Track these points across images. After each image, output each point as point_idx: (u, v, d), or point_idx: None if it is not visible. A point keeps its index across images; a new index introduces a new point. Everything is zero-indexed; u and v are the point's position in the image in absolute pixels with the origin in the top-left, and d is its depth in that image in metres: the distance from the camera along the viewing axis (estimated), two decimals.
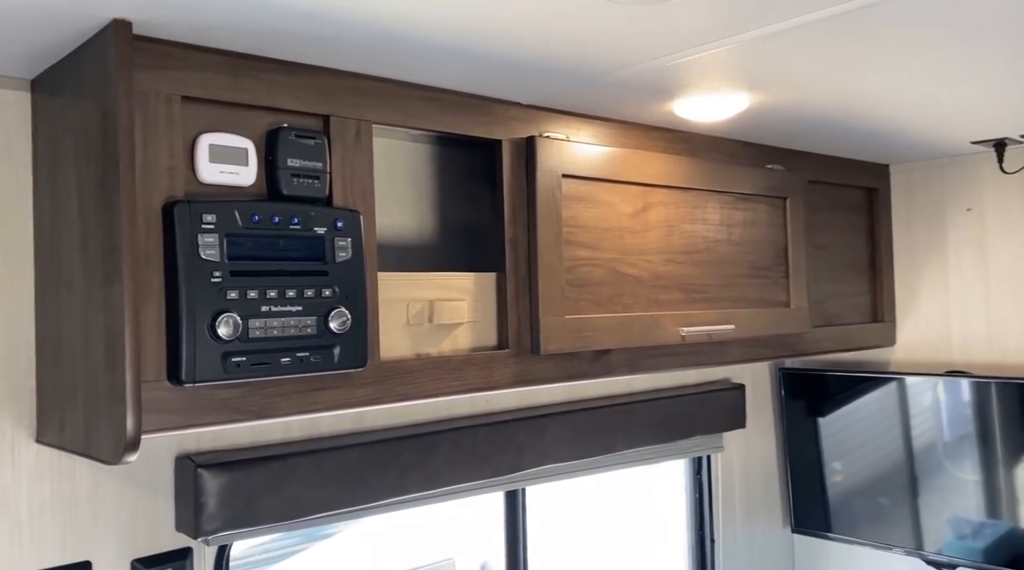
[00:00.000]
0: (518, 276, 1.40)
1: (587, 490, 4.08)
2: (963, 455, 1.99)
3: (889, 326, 2.21)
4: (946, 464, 2.02)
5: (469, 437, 1.61)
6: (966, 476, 1.99)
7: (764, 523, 2.35)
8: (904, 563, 2.19)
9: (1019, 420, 1.89)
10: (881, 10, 1.01)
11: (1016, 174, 1.95)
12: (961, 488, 2.00)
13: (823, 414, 2.27)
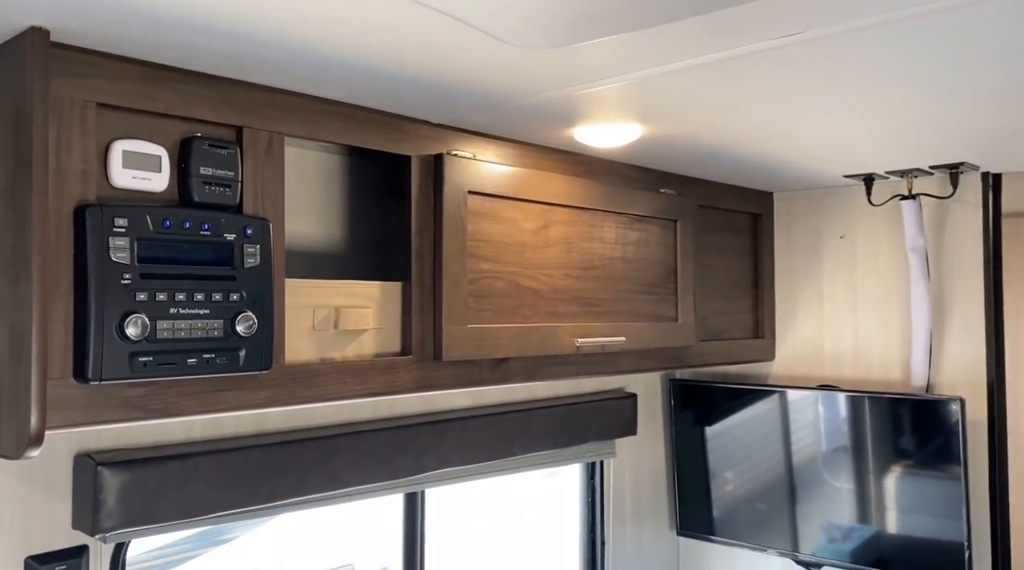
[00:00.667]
0: (423, 286, 1.47)
1: (490, 494, 4.16)
2: (838, 465, 2.16)
3: (769, 342, 2.38)
4: (823, 473, 2.19)
5: (370, 440, 1.66)
6: (841, 485, 2.17)
7: (652, 526, 2.48)
8: (777, 563, 2.35)
9: (885, 431, 2.07)
10: (758, 58, 1.13)
11: (882, 206, 2.15)
12: (835, 496, 2.17)
13: (709, 423, 2.42)
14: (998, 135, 1.62)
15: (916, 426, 2.03)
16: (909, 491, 2.03)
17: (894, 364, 2.17)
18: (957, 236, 2.06)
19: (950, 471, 1.96)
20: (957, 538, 1.94)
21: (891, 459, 2.07)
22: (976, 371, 2.03)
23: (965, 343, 2.06)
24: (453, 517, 4.01)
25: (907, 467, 2.04)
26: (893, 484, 2.07)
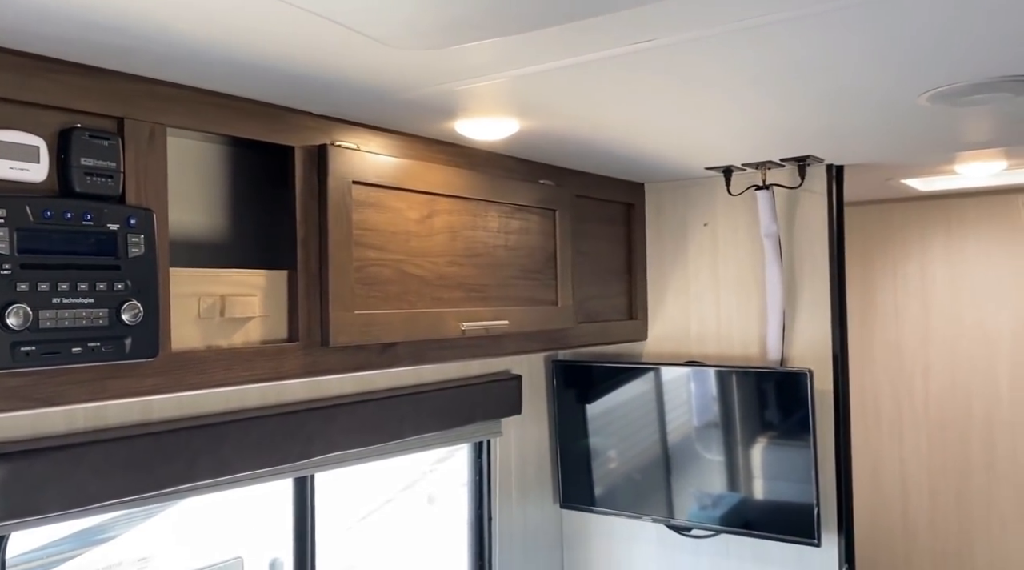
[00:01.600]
0: (309, 274, 1.51)
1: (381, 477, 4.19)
2: (708, 436, 2.34)
3: (642, 323, 2.54)
4: (695, 445, 2.37)
5: (259, 426, 1.69)
6: (711, 456, 2.34)
7: (536, 500, 2.60)
8: (652, 529, 2.53)
9: (746, 402, 2.26)
10: (618, 61, 1.24)
11: (740, 196, 2.33)
12: (707, 467, 2.35)
13: (590, 401, 2.56)
14: (836, 132, 1.80)
15: (772, 396, 2.23)
16: (768, 459, 2.23)
17: (752, 341, 2.36)
18: (806, 223, 2.27)
19: (802, 438, 2.16)
20: (808, 499, 2.15)
21: (752, 428, 2.26)
22: (823, 345, 2.25)
23: (813, 320, 2.27)
24: (345, 501, 4.03)
25: (766, 436, 2.24)
26: (754, 453, 2.26)
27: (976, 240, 2.97)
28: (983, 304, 2.94)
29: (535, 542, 2.59)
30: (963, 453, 2.94)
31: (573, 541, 2.68)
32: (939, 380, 3.00)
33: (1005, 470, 2.86)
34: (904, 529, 3.04)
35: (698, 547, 2.44)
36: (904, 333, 3.08)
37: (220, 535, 3.56)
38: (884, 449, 3.10)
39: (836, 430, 2.22)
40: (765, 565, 2.32)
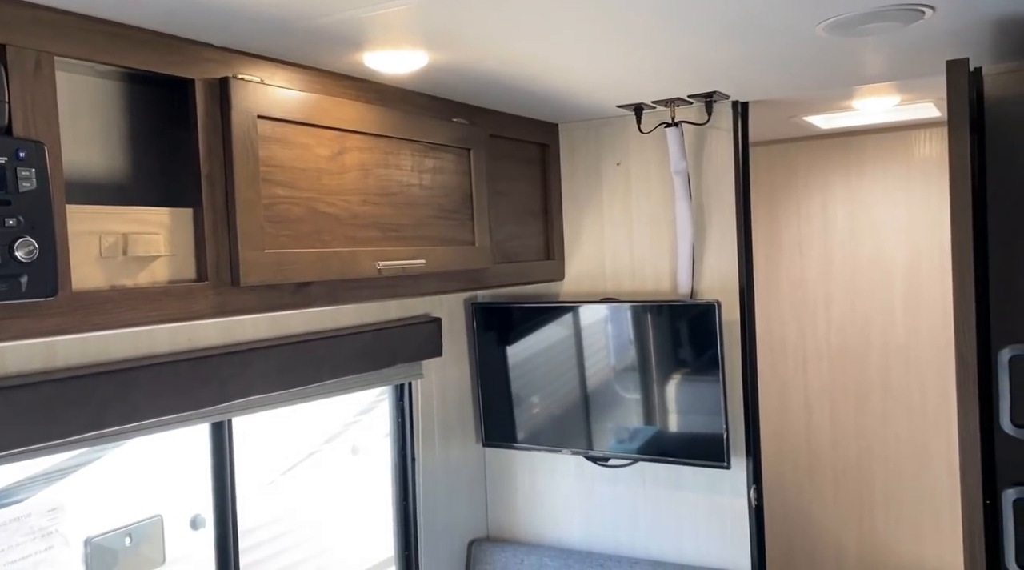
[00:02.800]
0: (215, 211, 1.47)
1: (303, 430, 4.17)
2: (624, 371, 2.41)
3: (559, 263, 2.57)
4: (612, 382, 2.43)
5: (170, 371, 1.66)
6: (629, 392, 2.42)
7: (459, 440, 2.64)
8: (571, 461, 2.60)
9: (660, 335, 2.33)
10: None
11: (650, 134, 2.37)
12: (625, 401, 2.42)
13: (510, 342, 2.60)
14: (740, 65, 1.85)
15: (684, 328, 2.31)
16: (681, 389, 2.32)
17: (664, 276, 2.43)
18: (713, 160, 2.33)
19: (711, 367, 2.25)
20: (718, 426, 2.25)
21: (665, 360, 2.34)
22: (730, 278, 2.33)
23: (721, 254, 2.34)
24: (267, 455, 3.99)
25: (678, 367, 2.32)
26: (668, 385, 2.34)
27: (873, 177, 3.11)
28: (880, 238, 3.10)
29: (458, 480, 2.63)
30: (862, 377, 3.12)
31: (496, 478, 2.74)
32: (840, 311, 3.16)
33: (899, 391, 3.05)
34: (808, 449, 3.22)
35: (616, 476, 2.53)
36: (807, 268, 3.22)
37: (138, 494, 3.48)
38: (790, 377, 3.26)
39: (743, 358, 2.32)
40: (679, 490, 2.43)
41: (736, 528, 2.34)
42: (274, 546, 3.96)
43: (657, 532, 2.46)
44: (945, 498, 2.98)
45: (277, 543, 4.01)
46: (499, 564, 2.59)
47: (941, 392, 2.98)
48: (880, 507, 3.10)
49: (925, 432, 3.01)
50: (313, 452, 4.52)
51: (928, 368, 3.00)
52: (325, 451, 4.65)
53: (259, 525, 3.88)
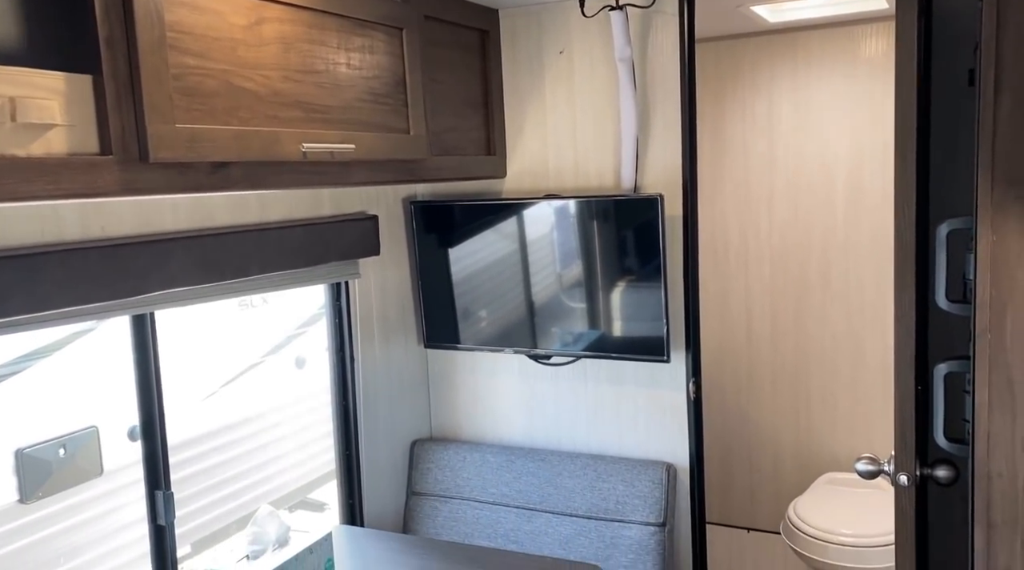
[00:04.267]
0: (118, 80, 1.35)
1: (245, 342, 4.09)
2: (569, 270, 2.37)
3: (500, 159, 2.49)
4: (555, 280, 2.39)
5: (80, 259, 1.55)
6: (571, 290, 2.38)
7: (400, 342, 2.59)
8: (514, 360, 2.58)
9: (603, 232, 2.29)
10: None
11: (594, 17, 2.27)
12: (568, 302, 2.39)
13: (451, 243, 2.53)
14: None
15: (627, 223, 2.26)
16: (623, 284, 2.29)
17: (608, 172, 2.37)
18: (659, 47, 2.25)
19: (653, 261, 2.23)
20: (659, 318, 2.24)
21: (608, 255, 2.30)
22: (674, 173, 2.28)
23: (665, 148, 2.29)
24: (205, 367, 3.91)
25: (621, 263, 2.29)
26: (610, 280, 2.31)
27: (820, 74, 3.07)
28: (824, 135, 3.07)
29: (400, 382, 2.60)
30: (802, 277, 3.15)
31: (438, 379, 2.71)
32: (782, 210, 3.15)
33: (838, 290, 3.09)
34: (748, 348, 3.27)
35: (557, 374, 2.52)
36: (751, 168, 3.20)
37: (72, 405, 3.39)
38: (731, 277, 3.27)
39: (685, 253, 2.30)
40: (620, 385, 2.43)
41: (675, 421, 2.36)
42: (214, 458, 3.92)
43: (598, 427, 2.48)
44: (879, 394, 3.06)
45: (217, 455, 3.97)
46: (442, 462, 2.59)
47: (878, 291, 3.02)
48: (816, 404, 3.17)
49: (862, 330, 3.06)
50: (255, 364, 4.45)
51: (866, 267, 3.04)
52: (268, 363, 4.58)
53: (199, 437, 3.83)
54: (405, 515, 2.61)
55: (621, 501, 2.33)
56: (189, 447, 3.83)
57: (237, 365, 4.25)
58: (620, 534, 2.31)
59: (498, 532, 2.46)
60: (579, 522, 2.37)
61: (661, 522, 2.28)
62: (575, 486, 2.40)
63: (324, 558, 1.93)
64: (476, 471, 2.54)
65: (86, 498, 3.23)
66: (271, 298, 4.45)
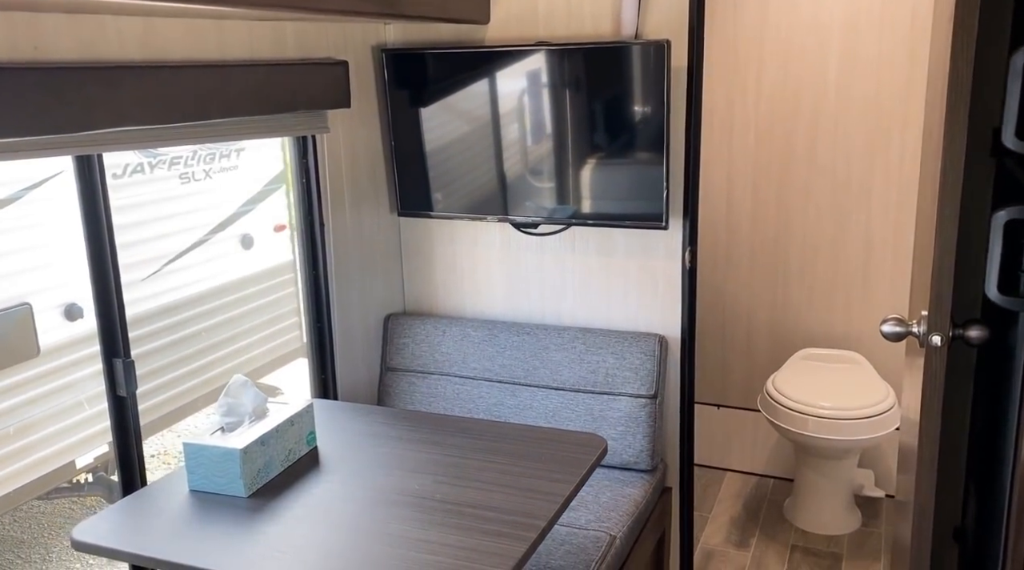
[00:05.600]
0: None
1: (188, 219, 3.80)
2: (560, 130, 2.17)
3: (484, 1, 2.23)
4: (545, 140, 2.20)
5: (13, 81, 1.29)
6: (566, 168, 2.19)
7: (372, 208, 2.38)
8: (495, 228, 2.41)
9: (604, 85, 2.09)
10: None
11: None
12: (559, 174, 2.21)
13: (425, 97, 2.29)
14: None
15: (626, 74, 2.06)
16: (622, 141, 2.11)
17: (604, 17, 2.15)
18: None
19: (656, 115, 2.05)
20: (658, 180, 2.09)
21: (607, 110, 2.11)
22: (680, 15, 2.07)
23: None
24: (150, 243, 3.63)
25: (621, 118, 2.10)
26: (607, 136, 2.13)
27: None
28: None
29: (372, 252, 2.40)
30: (788, 148, 3.02)
31: (413, 250, 2.53)
32: (772, 77, 2.99)
33: (824, 162, 2.98)
34: (727, 222, 3.16)
35: (543, 244, 2.37)
36: (741, 31, 3.00)
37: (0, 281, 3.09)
38: (714, 147, 3.12)
39: (688, 109, 2.12)
40: (610, 255, 2.29)
41: (668, 292, 2.25)
42: (163, 338, 3.70)
43: (586, 300, 2.35)
44: (859, 268, 3.01)
45: (167, 335, 3.75)
46: (419, 336, 2.44)
47: (866, 164, 2.92)
48: (794, 279, 3.11)
49: (846, 204, 2.98)
50: (200, 242, 4.16)
51: (855, 139, 2.92)
52: (214, 243, 4.29)
53: (145, 315, 3.59)
54: (379, 391, 2.47)
55: (611, 374, 2.23)
56: (134, 326, 3.60)
57: (180, 243, 3.97)
58: (609, 407, 2.22)
59: (480, 407, 2.35)
60: (566, 395, 2.27)
61: (653, 394, 2.19)
62: (563, 359, 2.28)
63: (306, 431, 1.78)
64: (456, 346, 2.40)
65: (21, 380, 3.00)
66: (214, 173, 4.13)
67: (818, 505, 2.85)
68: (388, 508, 1.54)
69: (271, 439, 1.66)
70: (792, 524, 2.90)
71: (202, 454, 1.60)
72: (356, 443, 1.82)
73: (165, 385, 3.56)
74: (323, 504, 1.57)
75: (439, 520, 1.49)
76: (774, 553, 2.75)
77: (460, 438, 1.83)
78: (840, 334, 3.08)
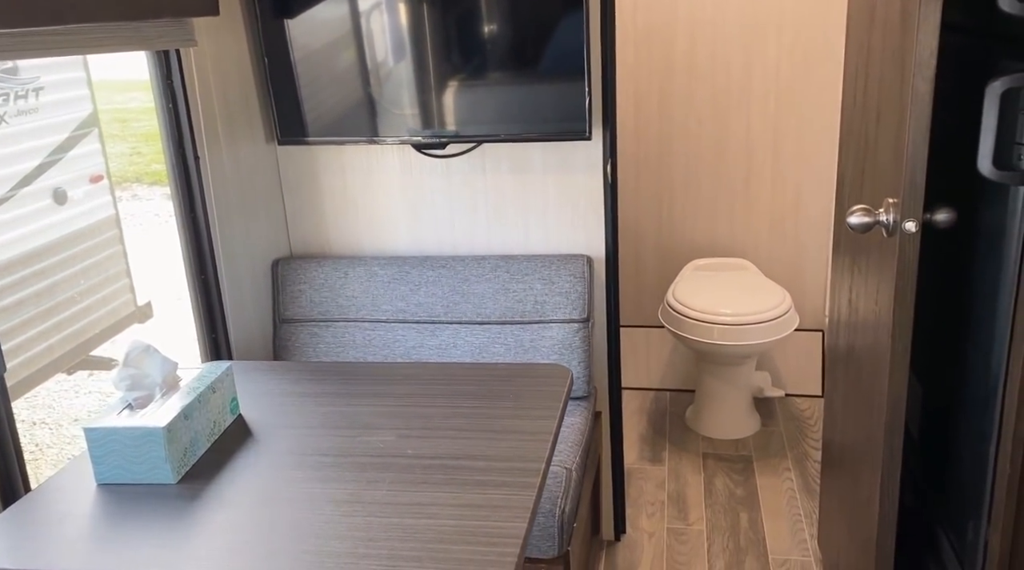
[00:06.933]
0: None
1: None
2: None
3: None
4: (444, 39, 1.97)
5: None
6: (470, 74, 1.97)
7: (247, 139, 2.05)
8: (392, 155, 2.16)
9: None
10: None
11: None
12: (463, 82, 1.98)
13: (292, 13, 1.98)
14: None
15: None
16: (533, 50, 1.93)
17: None
18: None
19: (575, 10, 1.88)
20: (580, 90, 1.93)
21: (513, 8, 1.91)
22: None
23: None
24: None
25: (528, 17, 1.91)
26: (518, 46, 1.93)
27: None
28: None
29: (253, 190, 2.09)
30: (667, 60, 2.96)
31: (297, 184, 2.23)
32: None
33: (704, 71, 2.95)
34: None
35: (449, 166, 2.16)
36: None
37: None
38: None
39: (603, 5, 1.97)
40: (525, 173, 2.13)
41: (590, 209, 2.13)
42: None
43: (502, 225, 2.18)
44: (740, 176, 3.04)
45: None
46: (317, 282, 2.17)
47: (744, 69, 2.93)
48: (679, 192, 3.10)
49: (727, 113, 2.98)
50: (2, 198, 3.52)
51: (732, 43, 2.91)
52: (19, 198, 3.66)
53: None
54: (275, 347, 2.19)
55: (540, 301, 2.09)
56: None
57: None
58: (541, 335, 2.08)
59: (397, 352, 2.13)
60: (492, 329, 2.11)
61: (585, 317, 2.08)
62: (485, 291, 2.11)
63: (229, 397, 1.50)
64: (362, 288, 2.16)
65: None
66: (10, 117, 3.50)
67: (722, 412, 2.91)
68: (356, 473, 1.32)
69: (194, 411, 1.38)
70: (698, 433, 2.95)
71: (112, 439, 1.30)
72: (287, 405, 1.57)
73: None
74: (275, 480, 1.32)
75: (423, 478, 1.30)
76: (688, 463, 2.78)
77: (408, 386, 1.62)
78: (726, 243, 3.12)
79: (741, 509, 2.53)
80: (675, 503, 2.59)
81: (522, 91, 1.97)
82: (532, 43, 1.93)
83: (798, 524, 2.44)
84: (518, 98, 1.98)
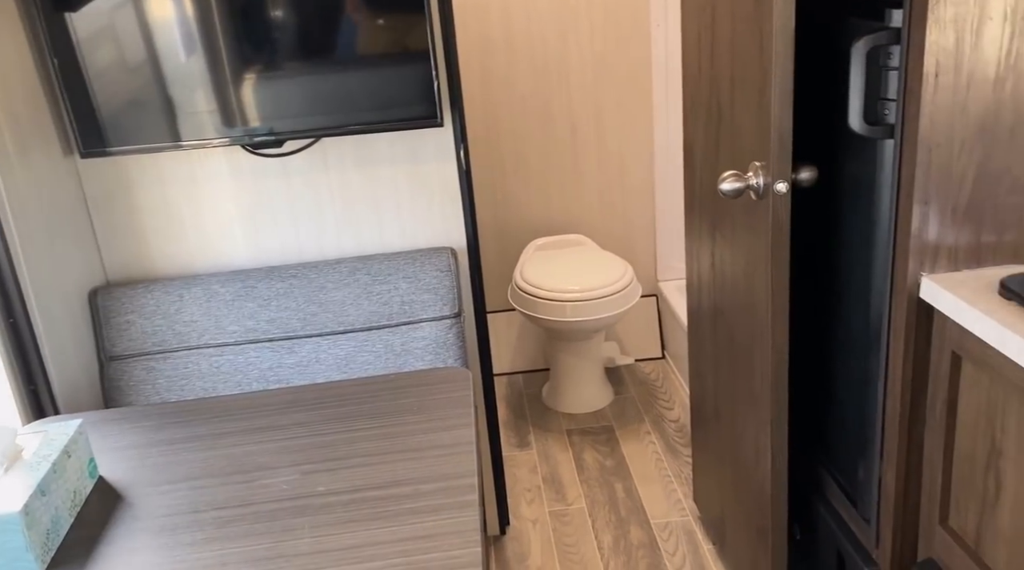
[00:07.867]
0: None
1: None
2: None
3: None
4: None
5: None
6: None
7: (42, 153, 1.74)
8: (221, 156, 1.93)
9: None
10: None
11: None
12: (295, 72, 1.80)
13: (73, 5, 1.70)
14: None
15: None
16: (372, 32, 1.79)
17: None
18: None
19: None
20: (426, 73, 1.82)
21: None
22: None
23: None
24: None
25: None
26: (355, 27, 1.78)
27: None
28: None
29: (56, 211, 1.78)
30: (485, 40, 2.90)
31: (107, 200, 1.93)
32: None
33: (522, 49, 2.93)
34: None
35: (287, 166, 1.97)
36: None
37: None
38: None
39: None
40: (373, 166, 1.99)
41: (445, 199, 2.03)
42: None
43: (351, 224, 2.02)
44: (567, 152, 3.06)
45: None
46: (147, 309, 1.90)
47: (560, 45, 2.94)
48: (511, 172, 3.08)
49: (547, 90, 2.98)
50: None
51: (548, 24, 2.91)
52: None
53: None
54: (105, 390, 1.89)
55: (407, 300, 1.97)
56: None
57: None
58: (412, 337, 1.97)
59: (251, 376, 1.92)
60: (358, 337, 1.96)
61: (456, 312, 1.99)
62: (345, 298, 1.95)
63: (86, 460, 1.26)
64: (202, 310, 1.92)
65: None
66: None
67: (579, 386, 2.94)
68: (267, 523, 1.16)
69: (50, 484, 1.13)
70: (557, 411, 2.97)
71: None
72: (155, 458, 1.35)
73: None
74: (171, 549, 1.12)
75: (347, 517, 1.16)
76: (555, 442, 2.78)
77: (294, 414, 1.45)
78: (561, 219, 3.14)
79: (614, 480, 2.57)
80: (551, 485, 2.58)
81: (365, 74, 1.82)
82: (364, 22, 1.79)
83: (670, 486, 2.52)
84: (360, 83, 1.83)
